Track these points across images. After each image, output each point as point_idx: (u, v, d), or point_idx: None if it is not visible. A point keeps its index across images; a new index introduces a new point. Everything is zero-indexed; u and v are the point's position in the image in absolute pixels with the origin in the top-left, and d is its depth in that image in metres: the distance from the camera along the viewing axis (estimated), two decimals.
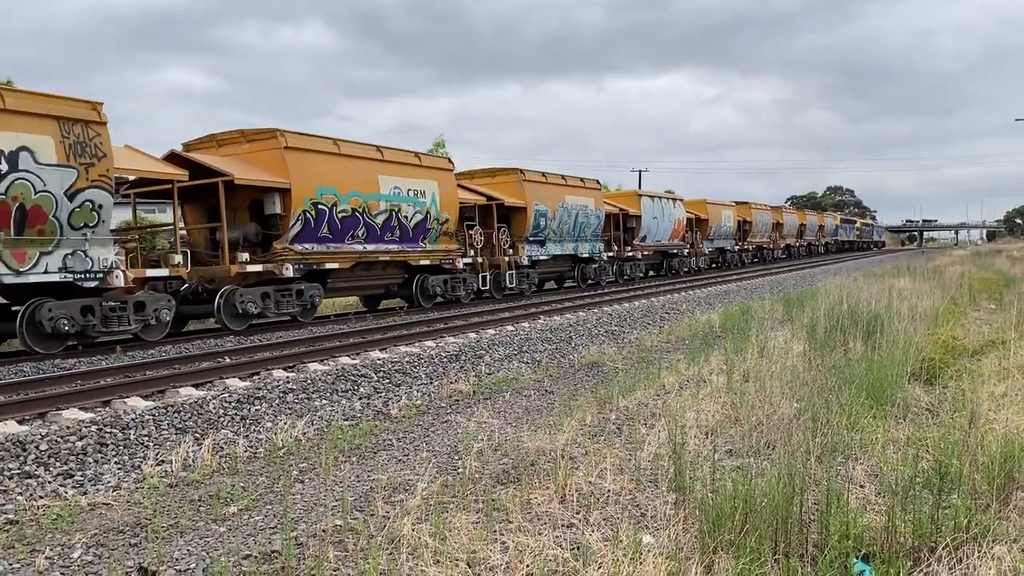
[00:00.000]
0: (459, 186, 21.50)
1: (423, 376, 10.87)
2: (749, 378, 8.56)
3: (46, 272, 11.60)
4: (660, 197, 34.08)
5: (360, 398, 9.65)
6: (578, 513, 5.05)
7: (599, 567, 4.02)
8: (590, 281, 27.72)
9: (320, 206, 16.42)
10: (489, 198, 22.80)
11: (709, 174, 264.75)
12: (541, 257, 24.84)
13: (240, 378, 9.81)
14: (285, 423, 8.29)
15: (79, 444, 6.96)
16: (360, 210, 17.44)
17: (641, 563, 3.92)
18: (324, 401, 9.30)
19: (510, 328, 14.95)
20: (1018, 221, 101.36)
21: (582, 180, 27.34)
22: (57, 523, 5.53)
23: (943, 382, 8.44)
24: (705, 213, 38.73)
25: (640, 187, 54.08)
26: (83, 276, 12.04)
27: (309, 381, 9.68)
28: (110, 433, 7.30)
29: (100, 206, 12.15)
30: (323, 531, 4.99)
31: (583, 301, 20.52)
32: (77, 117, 11.91)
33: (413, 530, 4.69)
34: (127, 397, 8.56)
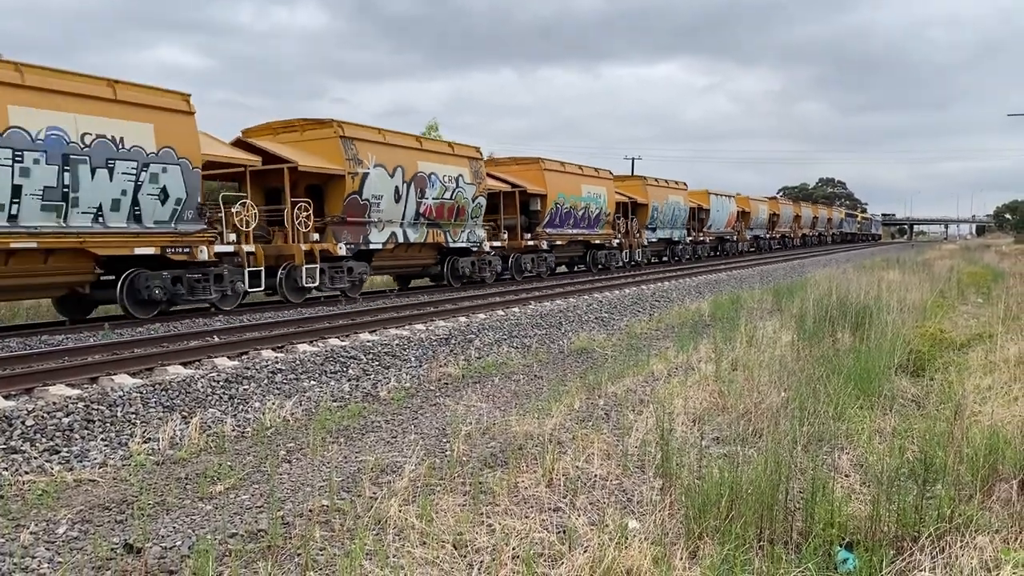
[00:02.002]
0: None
1: (413, 359, 10.86)
2: (737, 367, 8.60)
3: (461, 242, 21.56)
4: (721, 194, 42.02)
5: (349, 380, 9.64)
6: (565, 497, 5.07)
7: (585, 551, 4.03)
8: (676, 257, 36.66)
9: (557, 204, 25.98)
10: (628, 198, 31.65)
11: (702, 163, 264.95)
12: (652, 240, 33.82)
13: (228, 357, 9.78)
14: (273, 403, 8.28)
15: (66, 420, 6.93)
16: (572, 207, 26.86)
17: (627, 548, 3.94)
18: (313, 382, 9.29)
19: (500, 313, 14.96)
20: (1008, 216, 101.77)
21: (676, 182, 36.19)
22: (42, 499, 5.52)
23: (930, 374, 8.50)
24: (748, 207, 46.10)
25: (633, 173, 55.24)
26: (473, 244, 22.06)
27: (298, 362, 9.66)
28: (97, 410, 7.26)
29: (482, 206, 22.22)
30: (309, 511, 5.00)
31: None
32: (474, 156, 22.12)
33: (400, 511, 4.70)
34: (114, 374, 8.51)
